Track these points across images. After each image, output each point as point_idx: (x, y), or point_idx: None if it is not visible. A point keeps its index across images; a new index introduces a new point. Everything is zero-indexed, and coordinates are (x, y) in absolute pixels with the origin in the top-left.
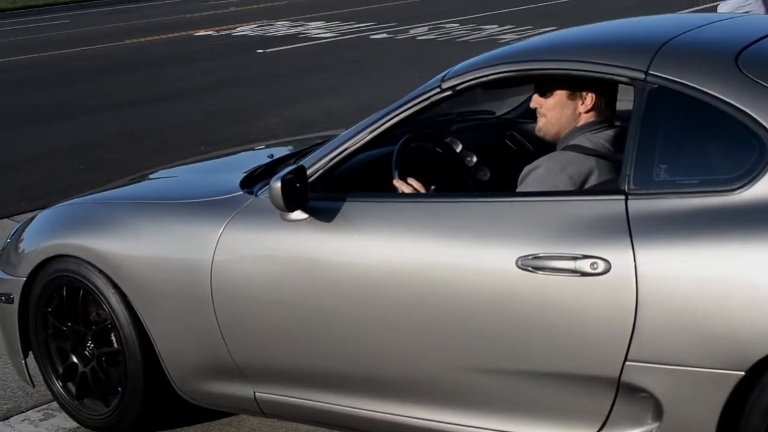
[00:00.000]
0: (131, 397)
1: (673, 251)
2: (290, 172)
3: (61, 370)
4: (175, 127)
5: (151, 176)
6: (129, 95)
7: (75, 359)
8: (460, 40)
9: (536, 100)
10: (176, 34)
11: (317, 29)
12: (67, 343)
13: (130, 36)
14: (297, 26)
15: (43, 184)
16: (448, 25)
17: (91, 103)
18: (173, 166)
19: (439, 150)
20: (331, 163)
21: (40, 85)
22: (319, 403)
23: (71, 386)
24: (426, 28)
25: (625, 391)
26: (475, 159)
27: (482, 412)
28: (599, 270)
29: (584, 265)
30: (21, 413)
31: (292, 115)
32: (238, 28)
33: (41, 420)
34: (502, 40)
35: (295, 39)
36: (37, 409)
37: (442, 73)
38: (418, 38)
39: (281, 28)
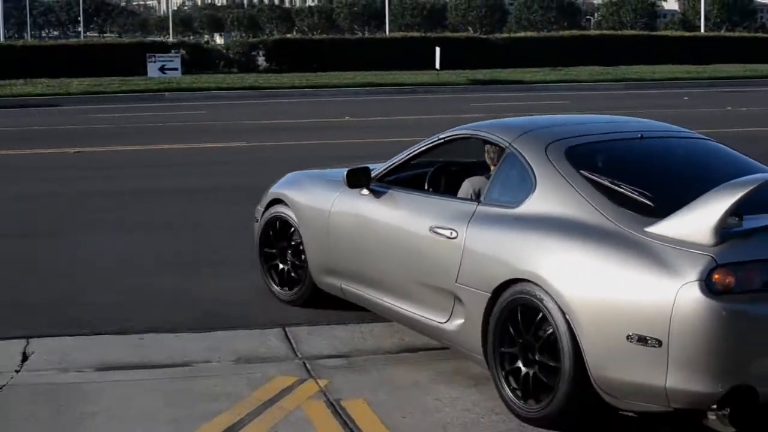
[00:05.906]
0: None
1: (483, 229)
2: (357, 168)
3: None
4: None
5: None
6: None
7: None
8: None
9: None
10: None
11: None
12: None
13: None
14: None
15: None
16: None
17: None
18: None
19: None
20: (385, 170)
21: None
22: (360, 292)
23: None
24: None
25: (457, 300)
26: None
27: (395, 297)
28: (454, 236)
29: (448, 233)
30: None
31: None
32: None
33: None
34: None
35: None
36: None
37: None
38: None
39: None
